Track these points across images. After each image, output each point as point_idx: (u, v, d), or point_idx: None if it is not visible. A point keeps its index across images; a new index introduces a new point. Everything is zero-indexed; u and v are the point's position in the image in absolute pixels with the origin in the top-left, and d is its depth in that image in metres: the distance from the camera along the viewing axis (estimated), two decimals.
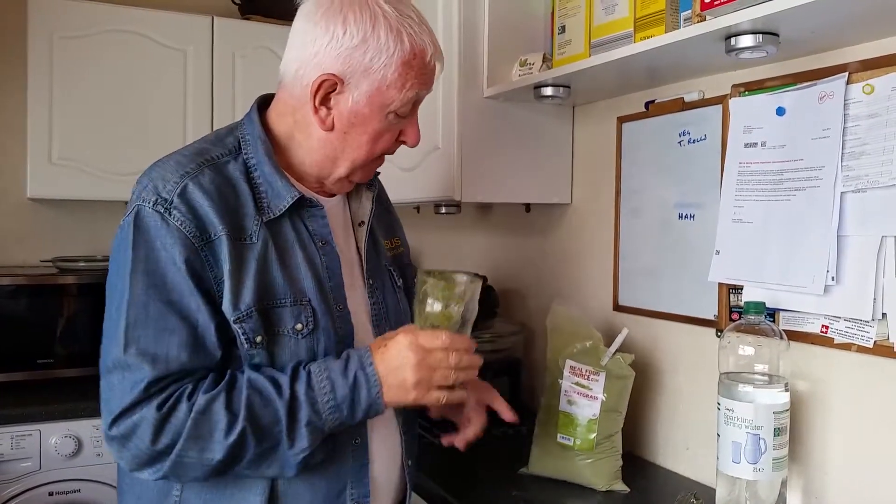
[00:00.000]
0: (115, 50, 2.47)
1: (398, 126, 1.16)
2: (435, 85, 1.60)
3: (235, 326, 1.05)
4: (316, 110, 1.11)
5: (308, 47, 1.10)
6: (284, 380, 1.04)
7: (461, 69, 1.76)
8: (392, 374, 1.06)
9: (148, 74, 2.51)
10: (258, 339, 1.06)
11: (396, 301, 1.30)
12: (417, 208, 2.47)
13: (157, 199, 1.04)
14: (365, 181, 1.23)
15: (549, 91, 1.66)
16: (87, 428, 2.10)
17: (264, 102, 1.21)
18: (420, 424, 1.39)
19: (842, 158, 1.25)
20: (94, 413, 2.09)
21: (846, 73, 1.25)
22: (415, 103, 1.15)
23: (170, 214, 1.03)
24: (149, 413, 0.99)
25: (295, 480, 1.09)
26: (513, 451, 1.64)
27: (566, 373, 1.54)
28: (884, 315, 1.21)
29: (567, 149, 1.93)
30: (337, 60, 1.08)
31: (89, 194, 2.44)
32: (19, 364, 2.25)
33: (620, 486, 1.50)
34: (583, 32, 1.59)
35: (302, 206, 1.14)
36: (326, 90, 1.10)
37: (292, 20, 1.14)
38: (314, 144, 1.14)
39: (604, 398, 1.51)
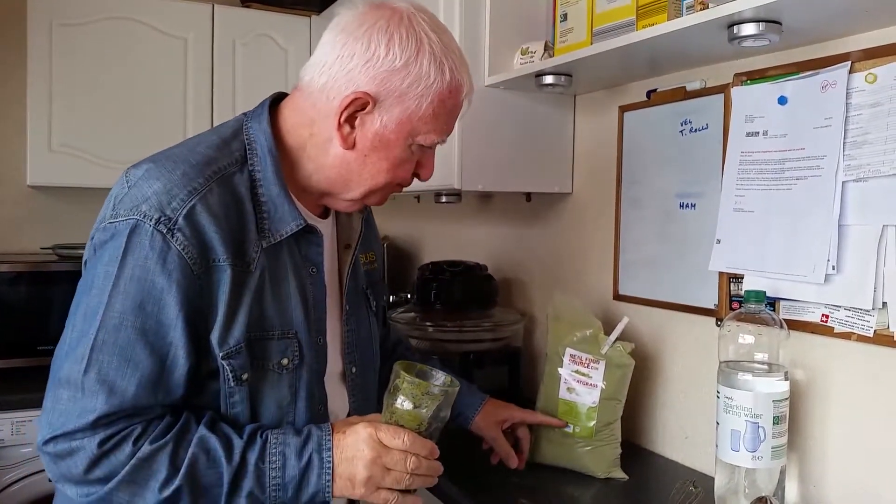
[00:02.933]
0: (116, 37, 2.46)
1: (417, 157, 1.11)
2: None
3: (223, 362, 1.00)
4: (340, 126, 1.05)
5: (343, 61, 1.03)
6: (238, 444, 0.99)
7: None
8: (343, 465, 1.01)
9: (148, 62, 2.50)
10: (244, 376, 1.02)
11: (368, 326, 1.28)
12: (418, 197, 2.47)
13: (160, 217, 0.96)
14: (380, 204, 1.18)
15: (550, 79, 1.65)
16: None
17: (274, 101, 1.14)
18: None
19: (843, 147, 1.25)
20: None
21: (849, 62, 1.25)
22: (440, 143, 1.11)
23: (173, 236, 0.96)
24: (89, 445, 0.94)
25: None
26: (512, 438, 1.64)
27: (566, 361, 1.54)
28: (884, 304, 1.21)
29: (568, 138, 1.92)
30: (373, 80, 1.03)
31: (89, 182, 2.43)
32: (19, 351, 2.26)
33: (619, 474, 1.51)
34: (585, 20, 1.59)
35: (302, 231, 1.09)
36: (356, 108, 1.04)
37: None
38: (329, 161, 1.08)
39: (603, 386, 1.51)
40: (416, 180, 1.17)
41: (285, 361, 1.06)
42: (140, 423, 0.97)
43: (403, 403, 1.04)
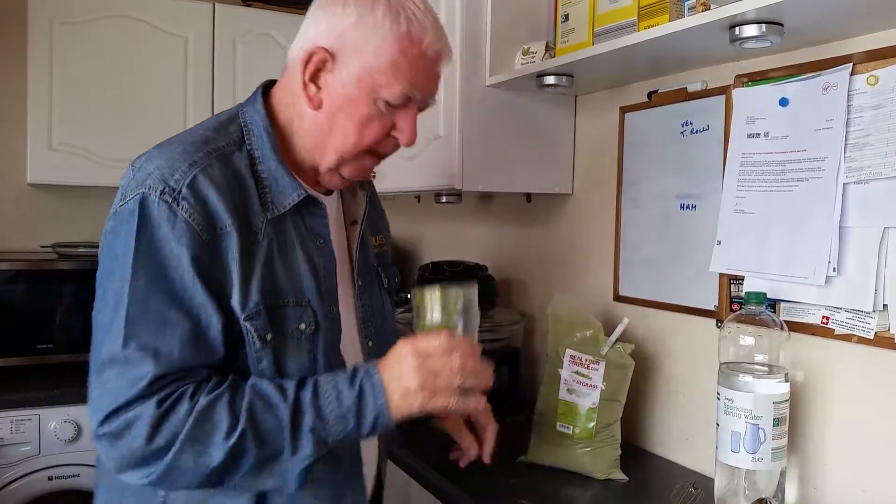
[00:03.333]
0: (116, 36, 2.46)
1: (390, 118, 1.09)
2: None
3: (246, 324, 1.01)
4: (305, 86, 1.08)
5: (309, 28, 1.09)
6: (290, 385, 1.01)
7: (463, 57, 1.76)
8: (394, 383, 1.02)
9: (149, 61, 2.50)
10: (268, 336, 1.03)
11: (381, 302, 1.29)
12: (418, 197, 2.46)
13: (164, 189, 0.99)
14: (357, 178, 1.17)
15: (551, 80, 1.65)
16: (86, 413, 2.08)
17: (266, 88, 1.18)
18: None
19: (844, 149, 1.25)
20: None
21: (850, 64, 1.25)
22: (411, 100, 1.09)
23: (178, 205, 0.98)
24: (147, 410, 0.94)
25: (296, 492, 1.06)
26: (512, 439, 1.64)
27: (566, 362, 1.54)
28: (885, 306, 1.21)
29: (569, 138, 1.92)
30: (330, 37, 1.06)
31: (89, 180, 2.43)
32: (19, 349, 2.26)
33: (619, 475, 1.51)
34: (586, 21, 1.59)
35: (305, 203, 1.11)
36: (316, 65, 1.07)
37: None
38: (307, 128, 1.11)
39: (603, 387, 1.51)
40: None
41: (303, 327, 1.07)
42: (192, 383, 0.98)
43: (431, 317, 1.05)
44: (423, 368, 1.01)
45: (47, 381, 2.17)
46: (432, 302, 1.05)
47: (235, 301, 1.01)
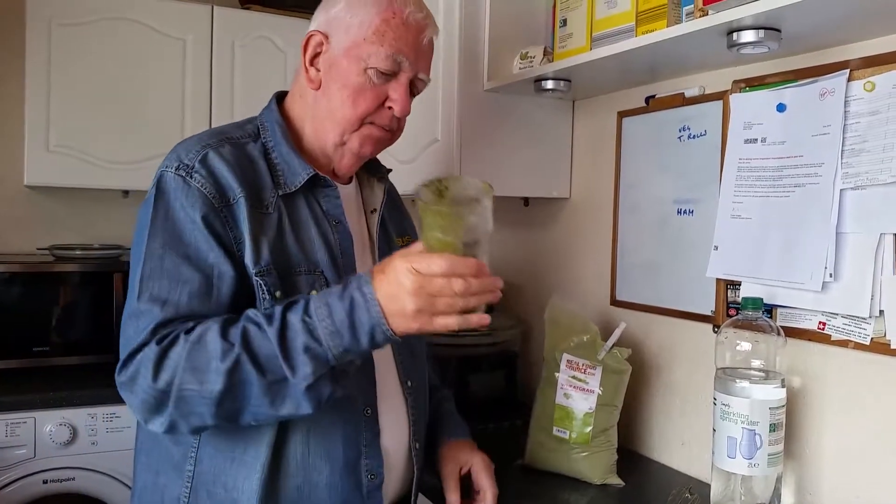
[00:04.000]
0: (114, 38, 2.45)
1: (382, 88, 1.17)
2: (435, 76, 1.58)
3: (257, 279, 1.07)
4: (306, 70, 1.19)
5: (312, 25, 1.20)
6: (277, 310, 1.00)
7: (462, 61, 1.76)
8: (391, 301, 0.96)
9: (147, 63, 2.49)
10: (277, 293, 1.08)
11: None
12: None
13: (178, 165, 1.09)
14: (364, 151, 1.21)
15: (549, 84, 1.66)
16: (82, 416, 2.10)
17: (281, 97, 1.27)
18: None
19: (841, 155, 1.26)
20: (89, 401, 2.11)
21: (847, 70, 1.25)
22: (400, 68, 1.16)
23: (191, 177, 1.08)
24: (150, 351, 0.99)
25: (312, 449, 1.10)
26: (508, 443, 1.64)
27: (563, 366, 1.54)
28: (881, 312, 1.21)
29: (567, 143, 1.93)
30: (325, 22, 1.18)
31: (87, 182, 2.42)
32: (15, 351, 2.25)
33: (615, 480, 1.51)
34: (584, 26, 1.59)
35: (317, 185, 1.18)
36: (314, 49, 1.18)
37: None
38: (311, 112, 1.20)
39: (600, 392, 1.51)
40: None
41: (315, 293, 1.06)
42: (191, 323, 1.02)
43: (436, 235, 0.97)
44: (419, 293, 0.95)
45: (43, 383, 2.15)
46: (436, 222, 0.96)
47: (248, 259, 1.07)
